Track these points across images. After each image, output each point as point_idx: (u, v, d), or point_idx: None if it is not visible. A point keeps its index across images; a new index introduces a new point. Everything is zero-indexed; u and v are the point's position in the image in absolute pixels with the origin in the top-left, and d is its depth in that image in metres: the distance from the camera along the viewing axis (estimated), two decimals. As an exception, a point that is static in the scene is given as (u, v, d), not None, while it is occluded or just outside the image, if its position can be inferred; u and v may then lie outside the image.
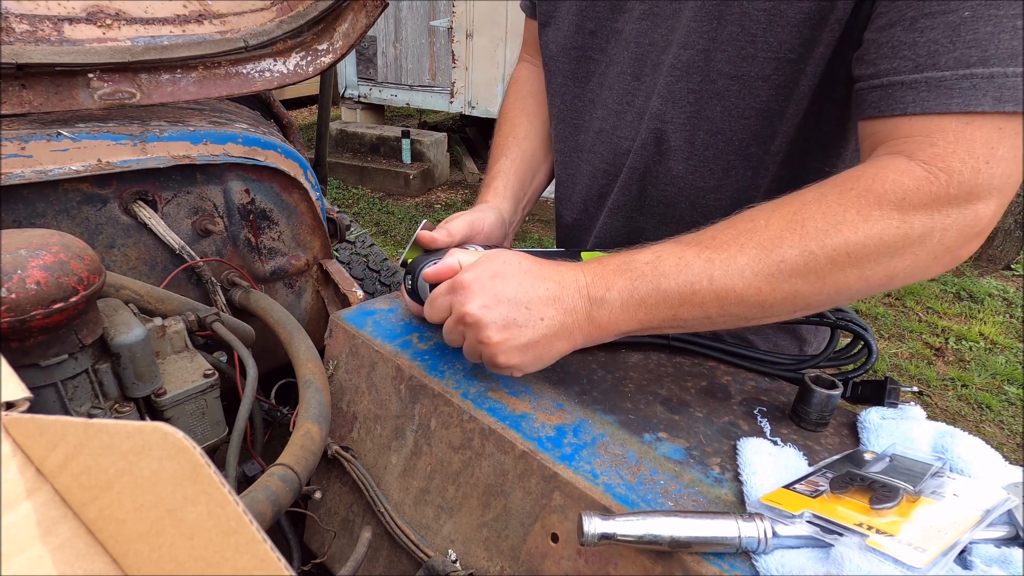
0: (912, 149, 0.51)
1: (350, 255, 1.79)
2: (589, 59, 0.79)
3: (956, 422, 2.68)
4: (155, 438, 0.28)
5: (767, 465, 0.51)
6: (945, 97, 0.49)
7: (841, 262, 0.52)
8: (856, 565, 0.39)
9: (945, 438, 0.53)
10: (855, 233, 0.51)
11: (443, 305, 0.59)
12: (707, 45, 0.65)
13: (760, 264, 0.53)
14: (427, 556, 0.60)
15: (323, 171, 1.85)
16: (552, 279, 0.57)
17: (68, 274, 0.52)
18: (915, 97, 0.51)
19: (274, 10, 0.93)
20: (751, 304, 0.54)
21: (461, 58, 5.49)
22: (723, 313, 0.55)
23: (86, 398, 0.59)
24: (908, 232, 0.50)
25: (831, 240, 0.51)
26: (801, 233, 0.52)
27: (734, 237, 0.55)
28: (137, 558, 0.29)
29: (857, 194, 0.52)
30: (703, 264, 0.54)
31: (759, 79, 0.64)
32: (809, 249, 0.52)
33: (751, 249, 0.53)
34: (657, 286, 0.55)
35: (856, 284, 0.53)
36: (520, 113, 0.94)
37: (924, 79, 0.50)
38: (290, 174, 0.92)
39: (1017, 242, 4.11)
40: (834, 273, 0.52)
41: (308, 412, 0.64)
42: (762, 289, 0.53)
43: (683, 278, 0.54)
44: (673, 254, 0.56)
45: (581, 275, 0.58)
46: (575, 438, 0.57)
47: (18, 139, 0.69)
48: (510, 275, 0.57)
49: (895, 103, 0.52)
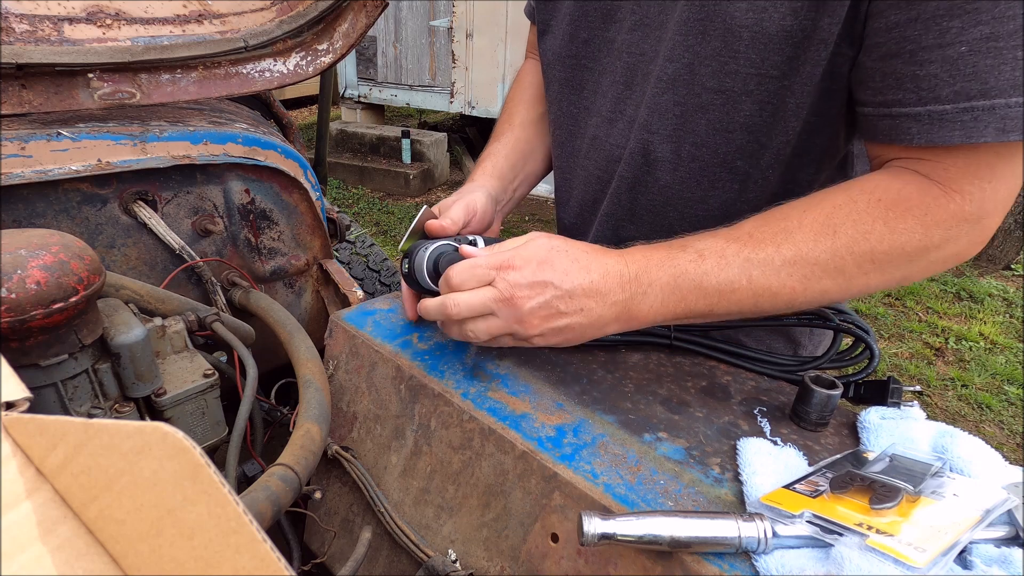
0: (928, 170, 0.55)
1: (350, 255, 1.79)
2: (583, 67, 0.80)
3: (956, 422, 2.68)
4: (155, 438, 0.28)
5: (767, 465, 0.51)
6: (947, 130, 0.52)
7: (867, 267, 0.56)
8: (856, 565, 0.39)
9: (945, 438, 0.53)
10: (881, 243, 0.55)
11: (485, 276, 0.59)
12: (691, 59, 0.65)
13: (795, 266, 0.57)
14: (427, 556, 0.60)
15: (323, 171, 1.85)
16: (597, 270, 0.59)
17: (68, 274, 0.52)
18: (919, 129, 0.53)
19: (274, 10, 0.93)
20: (782, 300, 0.58)
21: (461, 58, 5.49)
22: (755, 307, 0.59)
23: (86, 398, 0.59)
24: (928, 244, 0.55)
25: (860, 247, 0.56)
26: (833, 238, 0.56)
27: (771, 236, 0.58)
28: (137, 558, 0.29)
29: (885, 206, 0.55)
30: (743, 263, 0.57)
31: (742, 94, 0.64)
32: (840, 254, 0.56)
33: (787, 249, 0.57)
34: (699, 283, 0.58)
35: (877, 284, 0.58)
36: (519, 102, 0.95)
37: (927, 112, 0.52)
38: (290, 174, 0.92)
39: (1017, 242, 4.11)
40: (860, 276, 0.57)
41: (308, 412, 0.64)
42: (795, 288, 0.58)
43: (724, 276, 0.58)
44: (714, 252, 0.59)
45: (626, 267, 0.60)
46: (575, 438, 0.57)
47: (18, 139, 0.69)
48: (557, 262, 0.59)
49: (903, 134, 0.55)
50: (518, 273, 0.58)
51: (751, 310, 0.59)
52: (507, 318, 0.58)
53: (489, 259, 0.60)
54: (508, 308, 0.58)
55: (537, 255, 0.59)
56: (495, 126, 0.96)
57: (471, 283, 0.59)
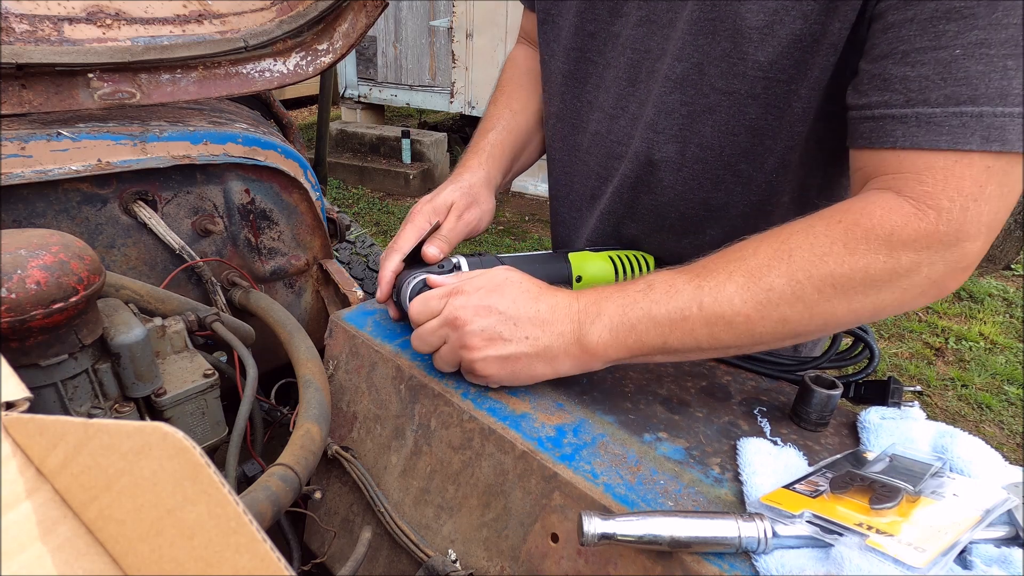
0: (901, 185, 0.51)
1: (350, 255, 1.79)
2: (588, 61, 0.80)
3: (956, 422, 2.68)
4: (155, 438, 0.28)
5: (767, 465, 0.51)
6: (935, 134, 0.49)
7: (828, 292, 0.52)
8: (856, 565, 0.39)
9: (945, 438, 0.53)
10: (840, 266, 0.51)
11: (435, 307, 0.60)
12: (701, 59, 0.65)
13: (748, 291, 0.53)
14: (427, 556, 0.60)
15: (323, 171, 1.85)
16: (546, 302, 0.59)
17: (68, 274, 0.52)
18: (904, 131, 0.51)
19: (274, 10, 0.93)
20: (740, 331, 0.55)
21: (461, 58, 5.49)
22: (712, 340, 0.55)
23: (86, 398, 0.59)
24: (895, 267, 0.51)
25: (817, 271, 0.52)
26: (788, 262, 0.53)
27: (723, 265, 0.55)
28: (137, 558, 0.29)
29: (845, 227, 0.52)
30: (693, 291, 0.55)
31: (749, 96, 0.63)
32: (796, 279, 0.52)
33: (739, 277, 0.54)
34: (648, 312, 0.56)
35: (844, 315, 0.53)
36: (516, 87, 0.94)
37: (914, 114, 0.50)
38: (290, 174, 0.92)
39: (1017, 242, 4.11)
40: (821, 303, 0.53)
41: (308, 412, 0.64)
42: (751, 316, 0.54)
43: (673, 304, 0.55)
44: (664, 281, 0.57)
45: (575, 301, 0.59)
46: (575, 438, 0.57)
47: (18, 139, 0.69)
48: (507, 291, 0.59)
49: (885, 136, 0.52)
50: (464, 297, 0.59)
51: (709, 343, 0.56)
52: (453, 342, 0.59)
53: (441, 289, 0.62)
54: (451, 330, 0.59)
55: (489, 283, 0.59)
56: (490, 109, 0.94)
57: (425, 315, 0.61)
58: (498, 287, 0.59)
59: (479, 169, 0.83)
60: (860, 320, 0.54)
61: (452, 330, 0.59)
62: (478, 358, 0.58)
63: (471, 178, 0.81)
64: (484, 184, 0.82)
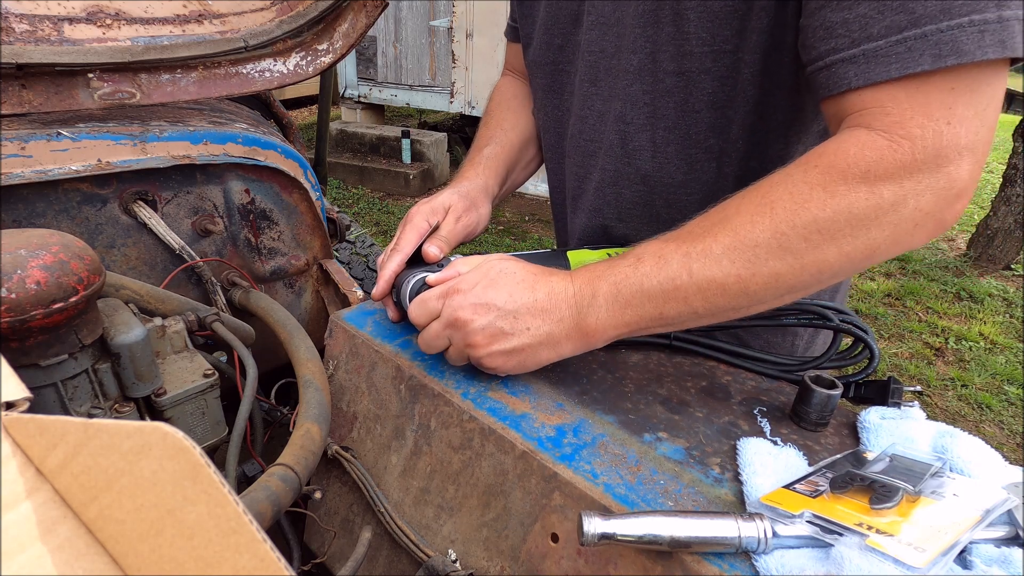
0: (869, 120, 0.51)
1: (350, 255, 1.79)
2: (561, 71, 0.83)
3: (956, 422, 2.68)
4: (155, 438, 0.28)
5: (767, 465, 0.51)
6: (883, 65, 0.49)
7: (815, 240, 0.51)
8: (856, 565, 0.39)
9: (945, 438, 0.53)
10: (823, 210, 0.51)
11: (434, 308, 0.61)
12: (651, 48, 0.68)
13: (735, 251, 0.53)
14: (427, 556, 0.60)
15: (323, 171, 1.85)
16: (542, 289, 0.59)
17: (68, 274, 0.52)
18: (856, 71, 0.51)
19: (274, 10, 0.93)
20: (733, 292, 0.54)
21: (461, 58, 5.49)
22: (708, 305, 0.55)
23: (86, 398, 0.59)
24: (879, 203, 0.50)
25: (800, 218, 0.51)
26: (771, 215, 0.52)
27: (708, 228, 0.55)
28: (137, 558, 0.29)
29: (821, 171, 0.52)
30: (681, 258, 0.55)
31: (701, 72, 0.66)
32: (780, 230, 0.52)
33: (725, 237, 0.54)
34: (640, 286, 0.56)
35: (837, 260, 0.53)
36: (506, 110, 0.98)
37: (861, 52, 0.50)
38: (290, 174, 0.92)
39: (1017, 242, 4.11)
40: (810, 252, 0.52)
41: (308, 412, 0.64)
42: (741, 275, 0.53)
43: (664, 275, 0.55)
44: (652, 253, 0.57)
45: (570, 284, 0.59)
46: (575, 438, 0.57)
47: (18, 139, 0.69)
48: (502, 284, 0.59)
49: (840, 80, 0.53)
50: (462, 297, 0.59)
51: (705, 308, 0.56)
52: (458, 342, 0.60)
53: (437, 289, 0.62)
54: (455, 331, 0.60)
55: (484, 278, 0.60)
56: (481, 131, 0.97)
57: (425, 318, 0.62)
58: (493, 281, 0.59)
59: (476, 177, 0.86)
60: (855, 265, 0.53)
61: (455, 331, 0.60)
62: (484, 355, 0.59)
63: (469, 185, 0.84)
64: (481, 190, 0.84)
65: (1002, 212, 4.07)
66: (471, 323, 0.58)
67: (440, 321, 0.60)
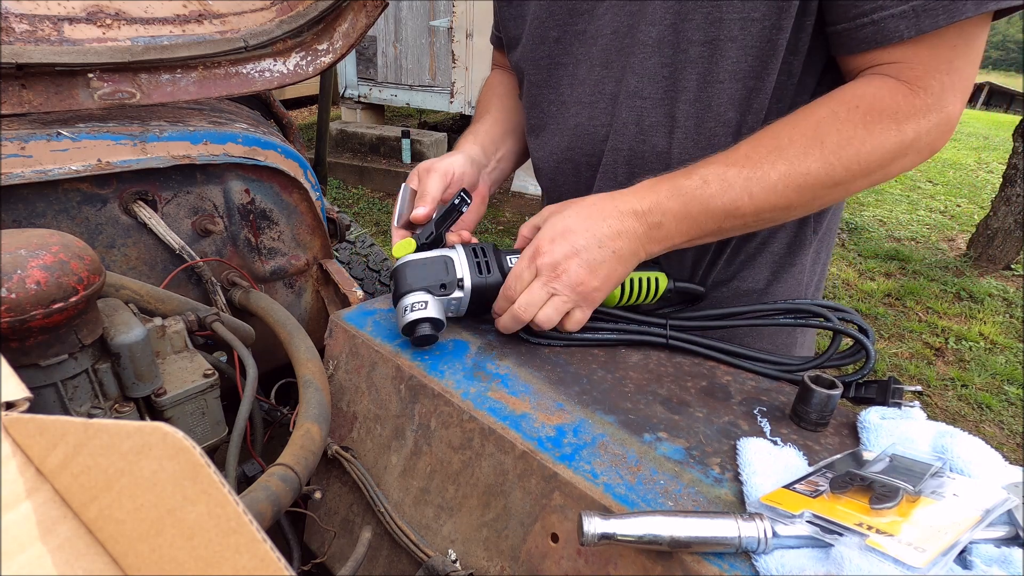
0: (897, 72, 0.62)
1: (350, 255, 1.79)
2: (558, 65, 0.83)
3: (956, 422, 2.68)
4: (155, 438, 0.28)
5: (767, 465, 0.51)
6: (932, 17, 0.57)
7: (854, 170, 0.63)
8: (856, 565, 0.39)
9: (945, 438, 0.53)
10: (864, 145, 0.62)
11: (528, 275, 0.66)
12: (674, 19, 0.69)
13: (790, 178, 0.63)
14: (427, 556, 0.60)
15: (323, 171, 1.85)
16: (613, 215, 0.65)
17: (68, 274, 0.52)
18: (907, 25, 0.59)
19: (274, 10, 0.93)
20: (781, 209, 0.65)
21: (461, 58, 5.49)
22: (759, 220, 0.66)
23: (86, 398, 0.59)
24: (903, 140, 0.62)
25: (846, 152, 0.62)
26: (821, 148, 0.62)
27: (765, 155, 0.64)
28: (137, 558, 0.29)
29: (863, 111, 0.62)
30: (743, 183, 0.64)
31: (728, 41, 0.68)
32: (829, 162, 0.62)
33: (781, 165, 0.63)
34: (706, 206, 0.65)
35: (863, 185, 0.65)
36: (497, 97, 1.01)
37: (911, 8, 0.58)
38: (290, 174, 0.92)
39: (1017, 242, 4.11)
40: (849, 180, 0.64)
41: (308, 412, 0.64)
42: (792, 198, 0.64)
43: (728, 197, 0.64)
44: (716, 176, 0.64)
45: (637, 202, 0.66)
46: (575, 438, 0.57)
47: (18, 139, 0.69)
48: (575, 226, 0.65)
49: (891, 34, 0.60)
50: (548, 255, 0.65)
51: (755, 222, 0.67)
52: (563, 290, 0.65)
53: (521, 261, 0.67)
54: (559, 282, 0.65)
55: (555, 231, 0.65)
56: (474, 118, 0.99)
57: (521, 285, 0.66)
58: (566, 228, 0.65)
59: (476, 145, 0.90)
60: (873, 185, 0.66)
61: (557, 280, 0.65)
62: (593, 287, 0.65)
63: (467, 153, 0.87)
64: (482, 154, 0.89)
65: (1002, 212, 4.08)
66: (570, 267, 0.64)
67: (540, 280, 0.65)
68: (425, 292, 0.68)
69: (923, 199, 6.21)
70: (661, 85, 0.73)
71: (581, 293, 0.65)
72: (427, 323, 0.66)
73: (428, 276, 0.68)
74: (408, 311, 0.67)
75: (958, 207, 5.98)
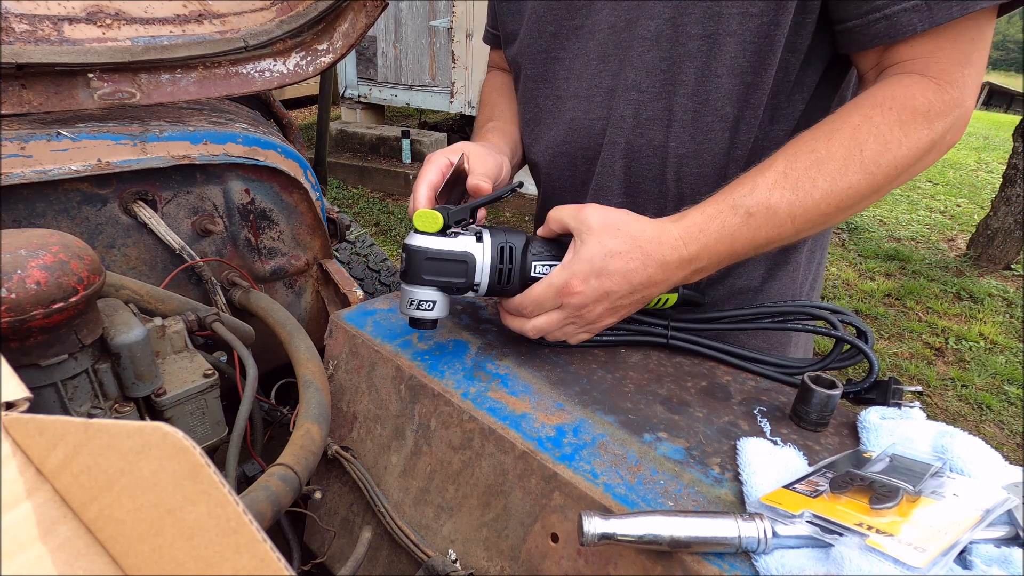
0: (921, 68, 0.62)
1: (350, 255, 1.79)
2: (554, 59, 0.83)
3: (956, 422, 2.68)
4: (155, 438, 0.28)
5: (767, 465, 0.51)
6: (945, 9, 0.57)
7: (892, 175, 0.62)
8: (856, 565, 0.39)
9: (945, 438, 0.53)
10: (900, 148, 0.61)
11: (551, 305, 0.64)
12: (672, 13, 0.69)
13: (832, 195, 0.62)
14: (427, 556, 0.60)
15: (323, 171, 1.85)
16: (654, 264, 0.62)
17: (68, 274, 0.52)
18: (920, 18, 0.58)
19: (274, 10, 0.93)
20: (820, 225, 0.64)
21: (461, 58, 5.49)
22: (796, 236, 0.65)
23: (86, 398, 0.59)
24: (933, 137, 0.61)
25: (885, 159, 0.61)
26: (861, 159, 0.61)
27: (804, 171, 0.62)
28: (137, 558, 0.29)
29: (897, 113, 0.61)
30: (787, 207, 0.62)
31: (727, 35, 0.67)
32: (870, 171, 0.61)
33: (823, 182, 0.61)
34: (751, 240, 0.63)
35: (897, 184, 0.64)
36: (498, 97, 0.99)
37: (923, 1, 0.58)
38: (290, 174, 0.92)
39: (1017, 242, 4.11)
40: (886, 184, 0.63)
41: (308, 412, 0.64)
42: (831, 214, 0.63)
43: (772, 227, 0.63)
44: (761, 207, 0.62)
45: (684, 248, 0.62)
46: (575, 438, 0.57)
47: (18, 139, 0.69)
48: (614, 268, 0.61)
49: (904, 27, 0.60)
50: (580, 295, 0.62)
51: (792, 239, 0.65)
52: (580, 324, 0.65)
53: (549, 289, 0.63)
54: (580, 318, 0.64)
55: (592, 267, 0.61)
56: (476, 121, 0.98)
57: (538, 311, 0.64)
58: (604, 268, 0.61)
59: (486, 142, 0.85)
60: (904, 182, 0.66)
61: (579, 319, 0.64)
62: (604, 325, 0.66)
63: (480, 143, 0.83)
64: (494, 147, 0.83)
65: (1002, 212, 4.07)
66: (595, 309, 0.63)
67: (562, 312, 0.63)
68: (436, 290, 0.64)
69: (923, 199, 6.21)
70: (659, 79, 0.73)
71: (596, 327, 0.66)
72: (429, 321, 0.66)
73: (445, 274, 0.63)
74: (414, 307, 0.64)
75: (958, 207, 5.98)
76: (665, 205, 0.79)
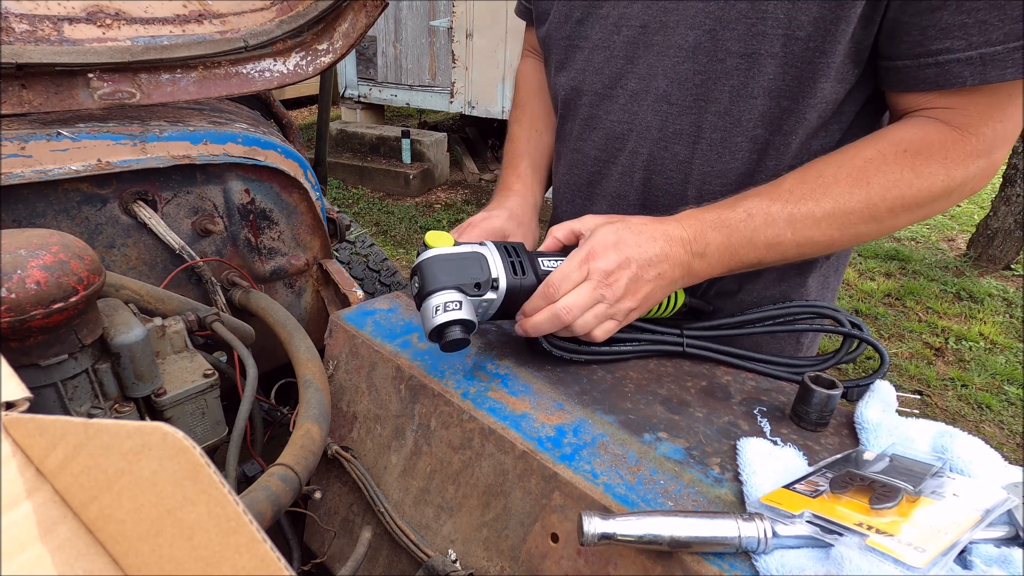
0: (948, 117, 0.61)
1: (350, 255, 1.79)
2: (575, 47, 0.81)
3: (956, 422, 2.68)
4: (155, 438, 0.28)
5: (767, 465, 0.51)
6: (999, 68, 0.56)
7: (898, 211, 0.63)
8: (856, 565, 0.39)
9: (945, 438, 0.53)
10: (910, 188, 0.62)
11: (579, 276, 0.62)
12: (713, 25, 0.67)
13: (834, 217, 0.63)
14: (427, 556, 0.60)
15: (323, 171, 1.85)
16: (662, 238, 0.64)
17: (68, 274, 0.52)
18: (972, 72, 0.58)
19: (274, 10, 0.93)
20: (822, 246, 0.66)
21: (461, 58, 5.49)
22: (799, 254, 0.67)
23: (86, 398, 0.59)
24: (949, 183, 0.62)
25: (891, 195, 0.62)
26: (867, 190, 0.62)
27: (810, 192, 0.64)
28: (137, 558, 0.29)
29: (911, 155, 0.62)
30: (787, 219, 0.63)
31: (768, 56, 0.65)
32: (873, 203, 0.62)
33: (827, 203, 0.63)
34: (750, 240, 0.64)
35: (905, 223, 0.65)
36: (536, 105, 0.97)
37: (979, 56, 0.57)
38: (290, 174, 0.92)
39: (1017, 242, 4.11)
40: (891, 219, 0.64)
41: (308, 412, 0.64)
42: (834, 236, 0.65)
43: (771, 232, 0.64)
44: (761, 210, 0.64)
45: (683, 231, 0.65)
46: (575, 438, 0.57)
47: (18, 139, 0.69)
48: (628, 239, 0.63)
49: (954, 78, 0.59)
50: (603, 260, 0.62)
51: (795, 256, 0.67)
52: (610, 299, 0.63)
53: (570, 262, 0.63)
54: (609, 290, 0.62)
55: (608, 239, 0.63)
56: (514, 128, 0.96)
57: (568, 285, 0.62)
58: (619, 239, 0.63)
59: (527, 193, 0.87)
60: (914, 223, 0.67)
61: (608, 289, 0.62)
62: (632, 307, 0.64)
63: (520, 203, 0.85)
64: (532, 208, 0.86)
65: (1002, 212, 4.07)
66: (621, 279, 0.62)
67: (591, 283, 0.62)
68: (458, 291, 0.59)
69: (923, 199, 6.20)
70: (691, 93, 0.70)
71: (621, 308, 0.64)
72: (459, 325, 0.58)
73: (461, 273, 0.60)
74: (439, 311, 0.58)
75: (958, 207, 5.97)
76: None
